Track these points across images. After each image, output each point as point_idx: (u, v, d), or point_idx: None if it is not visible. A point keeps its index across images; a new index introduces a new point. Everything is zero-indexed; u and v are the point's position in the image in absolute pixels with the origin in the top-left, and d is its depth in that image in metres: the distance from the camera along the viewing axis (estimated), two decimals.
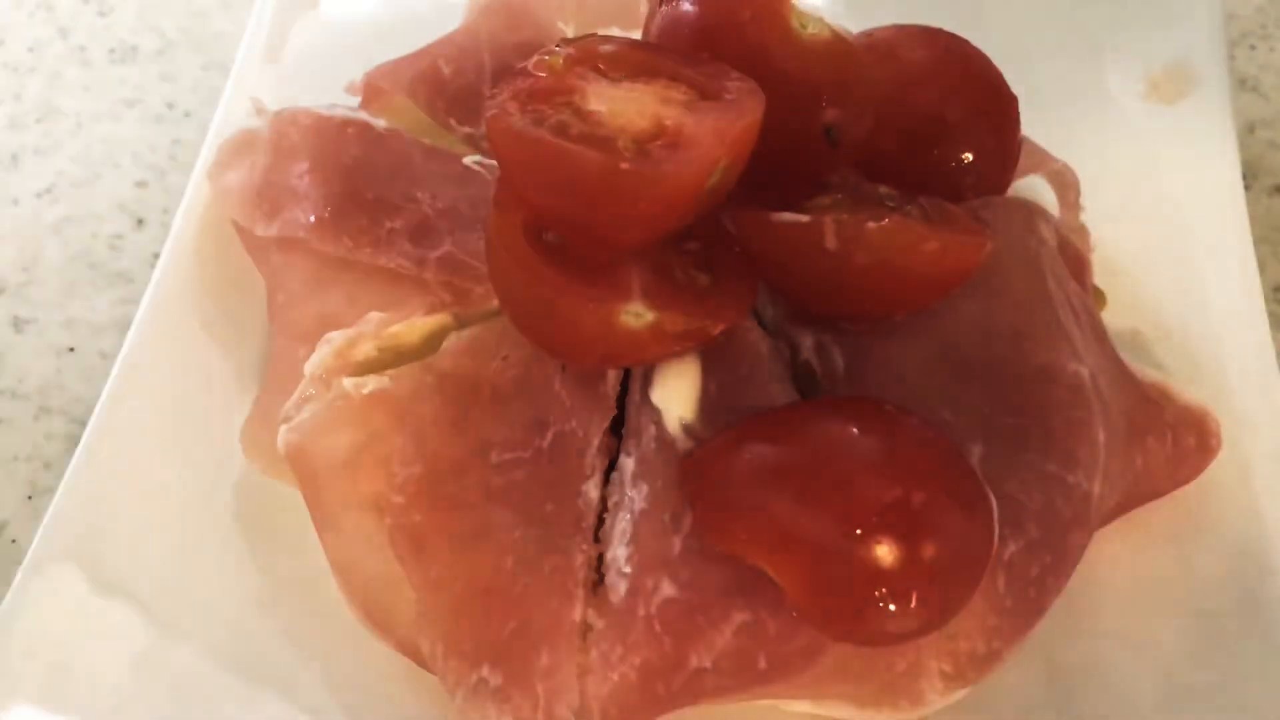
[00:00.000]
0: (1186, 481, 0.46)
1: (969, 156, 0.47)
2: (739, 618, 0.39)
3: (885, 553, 0.36)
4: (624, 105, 0.39)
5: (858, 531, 0.36)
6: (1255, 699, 0.42)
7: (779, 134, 0.40)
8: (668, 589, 0.39)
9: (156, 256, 0.52)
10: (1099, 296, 0.51)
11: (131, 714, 0.41)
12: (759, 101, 0.39)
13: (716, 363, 0.43)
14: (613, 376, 0.43)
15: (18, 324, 0.57)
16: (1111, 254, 0.53)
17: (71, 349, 0.56)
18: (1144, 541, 0.46)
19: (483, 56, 0.53)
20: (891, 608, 0.36)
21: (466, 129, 0.52)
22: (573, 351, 0.42)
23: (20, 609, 0.42)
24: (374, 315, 0.45)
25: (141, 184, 0.62)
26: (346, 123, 0.49)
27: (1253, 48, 0.67)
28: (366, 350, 0.44)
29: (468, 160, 0.50)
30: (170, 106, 0.65)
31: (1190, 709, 0.42)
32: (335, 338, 0.44)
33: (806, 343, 0.44)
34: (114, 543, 0.44)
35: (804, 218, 0.41)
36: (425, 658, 0.40)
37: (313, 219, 0.47)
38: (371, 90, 0.53)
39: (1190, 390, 0.47)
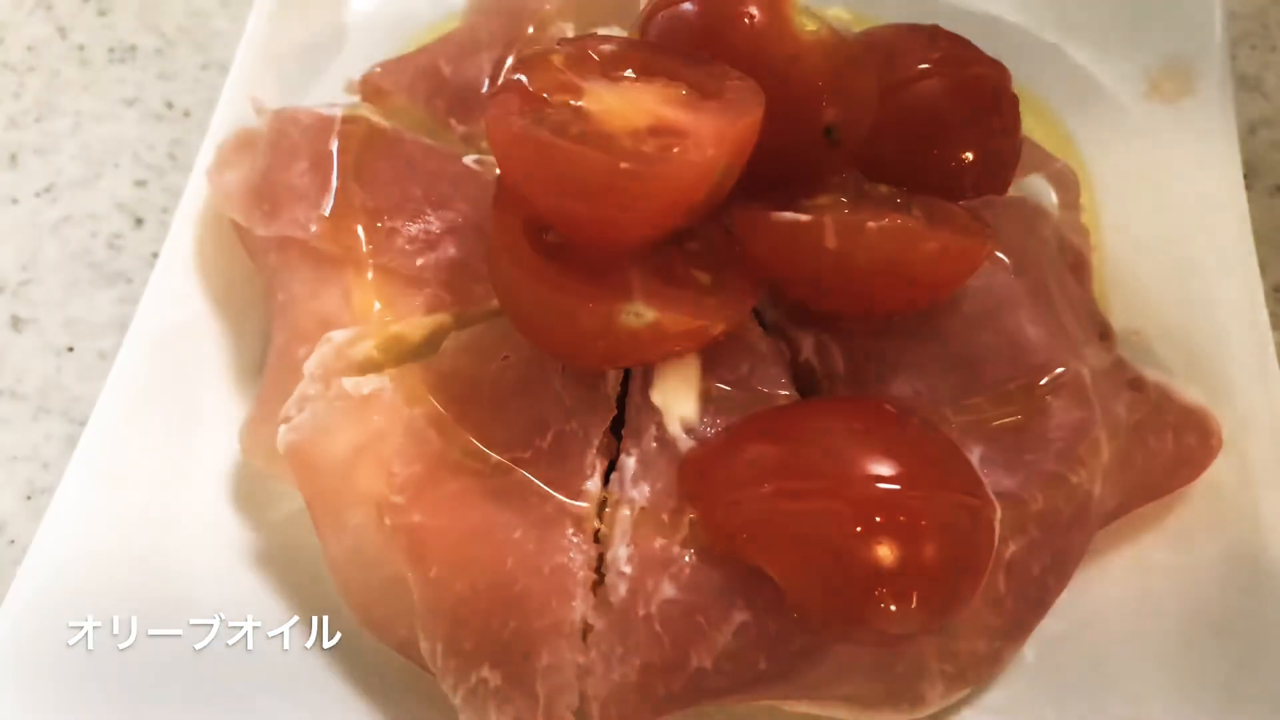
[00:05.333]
0: (1187, 482, 0.46)
1: (969, 156, 0.47)
2: (739, 618, 0.39)
3: (885, 553, 0.36)
4: (624, 105, 0.39)
5: (858, 531, 0.36)
6: (1255, 698, 0.42)
7: (779, 134, 0.40)
8: (668, 589, 0.39)
9: (155, 256, 0.52)
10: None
11: (128, 712, 0.41)
12: (759, 101, 0.39)
13: (716, 363, 0.43)
14: (613, 376, 0.43)
15: (17, 324, 0.57)
16: (1113, 254, 0.53)
17: (70, 349, 0.56)
18: (1144, 541, 0.46)
19: (483, 56, 0.53)
20: (892, 608, 0.36)
21: (466, 128, 0.52)
22: (573, 351, 0.42)
23: (19, 609, 0.42)
24: (374, 315, 0.45)
25: (140, 184, 0.62)
26: (346, 122, 0.49)
27: (1253, 48, 0.67)
28: (366, 350, 0.44)
29: (468, 160, 0.50)
30: (169, 106, 0.65)
31: (1190, 709, 0.42)
32: (335, 338, 0.44)
33: (806, 343, 0.44)
34: (112, 542, 0.44)
35: (804, 217, 0.41)
36: (425, 658, 0.40)
37: (312, 218, 0.47)
38: (371, 90, 0.53)
39: (1190, 390, 0.47)
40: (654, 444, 0.41)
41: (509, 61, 0.52)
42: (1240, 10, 0.69)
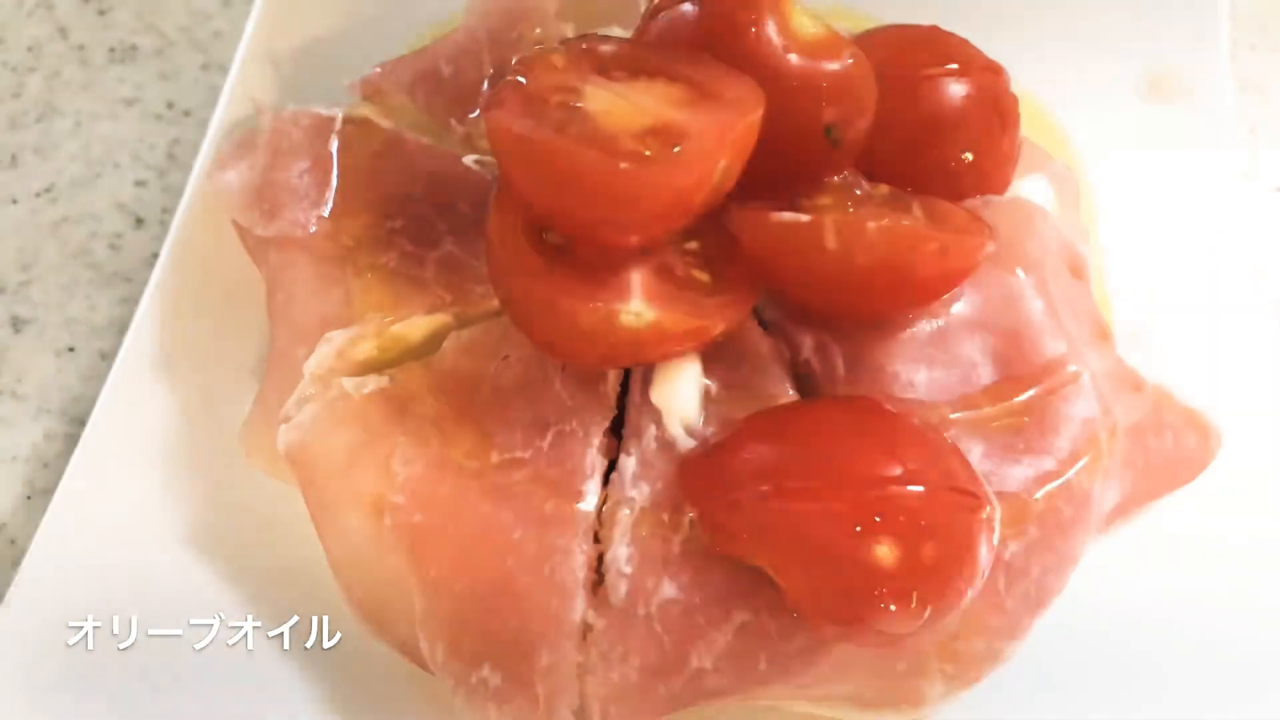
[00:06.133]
0: (1186, 481, 0.46)
1: (969, 156, 0.47)
2: (739, 618, 0.39)
3: (885, 553, 0.36)
4: (624, 105, 0.39)
5: (857, 531, 0.36)
6: (1256, 699, 0.42)
7: (779, 134, 0.40)
8: (668, 589, 0.39)
9: (155, 256, 0.52)
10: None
11: (128, 712, 0.41)
12: (759, 101, 0.39)
13: (716, 363, 0.43)
14: (613, 376, 0.43)
15: (17, 324, 0.57)
16: (1112, 254, 0.53)
17: (71, 349, 0.56)
18: (1144, 541, 0.46)
19: (483, 56, 0.53)
20: (891, 607, 0.36)
21: (466, 128, 0.52)
22: (573, 351, 0.42)
23: (19, 609, 0.42)
24: (374, 315, 0.45)
25: (141, 184, 0.62)
26: (346, 122, 0.49)
27: (1253, 48, 0.67)
28: (366, 350, 0.44)
29: (468, 160, 0.50)
30: (170, 106, 0.65)
31: (1192, 709, 0.42)
32: (335, 338, 0.44)
33: (806, 343, 0.44)
34: (113, 543, 0.44)
35: (804, 218, 0.41)
36: (425, 658, 0.40)
37: (312, 218, 0.47)
38: (371, 90, 0.53)
39: (1190, 390, 0.47)
40: (654, 444, 0.41)
41: (509, 61, 0.52)
42: (1240, 10, 0.69)
